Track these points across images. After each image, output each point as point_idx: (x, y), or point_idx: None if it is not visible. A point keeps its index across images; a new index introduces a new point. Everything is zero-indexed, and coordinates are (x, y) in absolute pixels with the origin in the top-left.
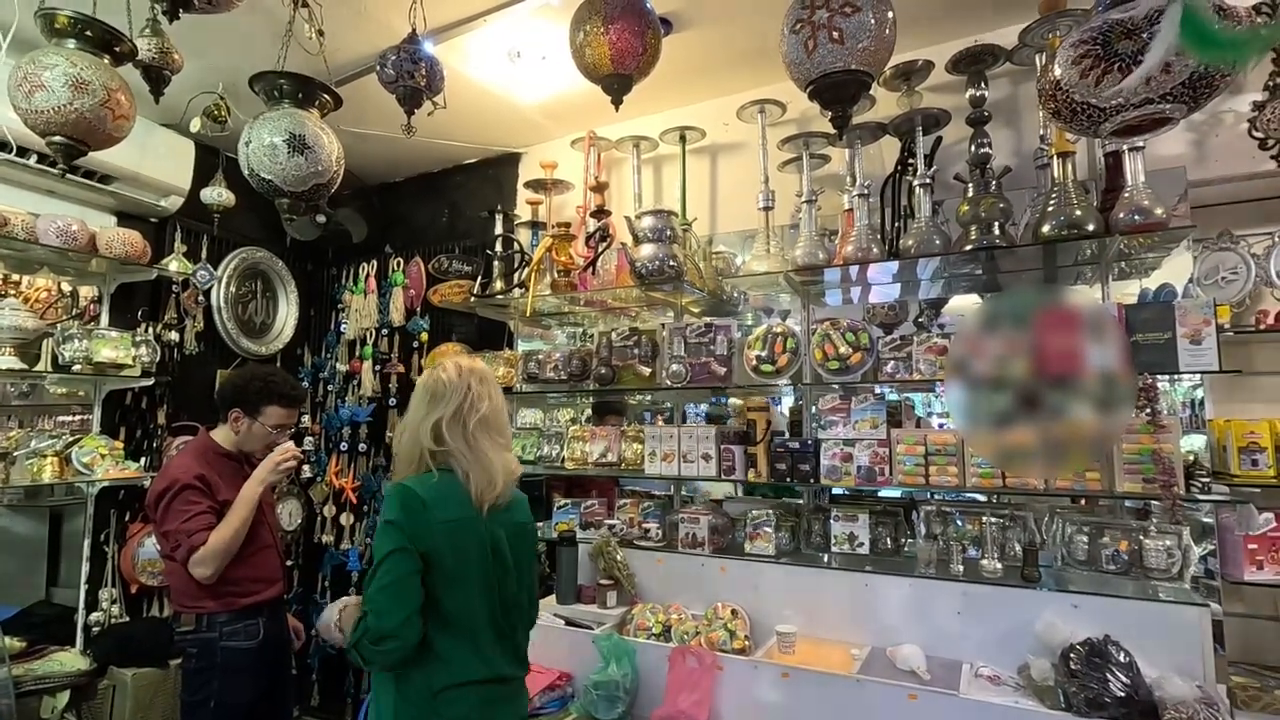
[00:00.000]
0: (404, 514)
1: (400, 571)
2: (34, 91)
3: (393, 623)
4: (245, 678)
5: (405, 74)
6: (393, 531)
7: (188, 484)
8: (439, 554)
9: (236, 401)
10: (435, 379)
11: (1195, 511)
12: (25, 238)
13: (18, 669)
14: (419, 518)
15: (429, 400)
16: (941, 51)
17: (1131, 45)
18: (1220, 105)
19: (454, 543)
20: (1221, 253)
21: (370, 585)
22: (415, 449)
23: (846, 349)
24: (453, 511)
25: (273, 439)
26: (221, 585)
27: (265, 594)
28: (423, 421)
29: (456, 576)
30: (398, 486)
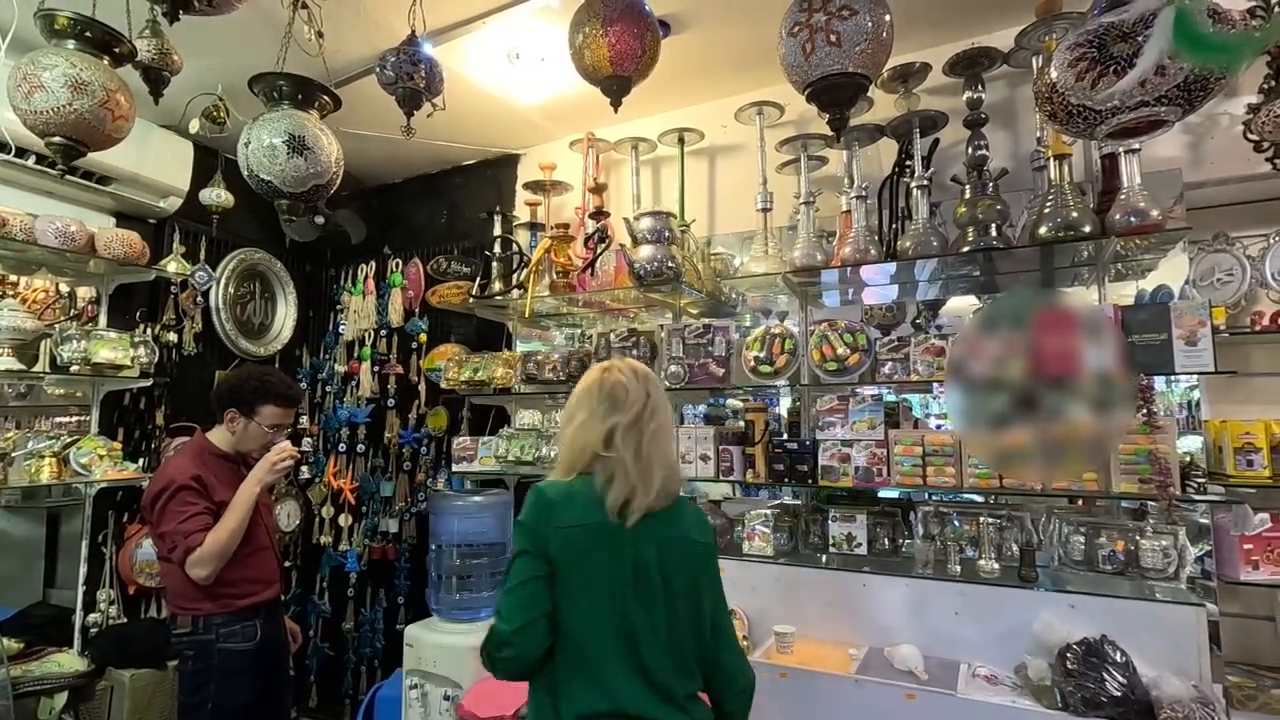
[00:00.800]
0: (532, 514)
1: (526, 575)
2: (33, 92)
3: (511, 629)
4: (242, 679)
5: (405, 75)
6: (522, 533)
7: (184, 485)
8: (560, 561)
9: (232, 402)
10: (615, 383)
11: (1191, 512)
12: (24, 238)
13: (15, 670)
14: (543, 519)
15: (608, 404)
16: (939, 54)
17: (1127, 48)
18: (1216, 108)
19: (575, 551)
20: (1217, 254)
21: (503, 589)
22: (583, 452)
23: (844, 350)
24: (576, 516)
25: (269, 439)
26: (218, 587)
27: (262, 595)
28: (595, 425)
29: (578, 590)
30: (532, 489)
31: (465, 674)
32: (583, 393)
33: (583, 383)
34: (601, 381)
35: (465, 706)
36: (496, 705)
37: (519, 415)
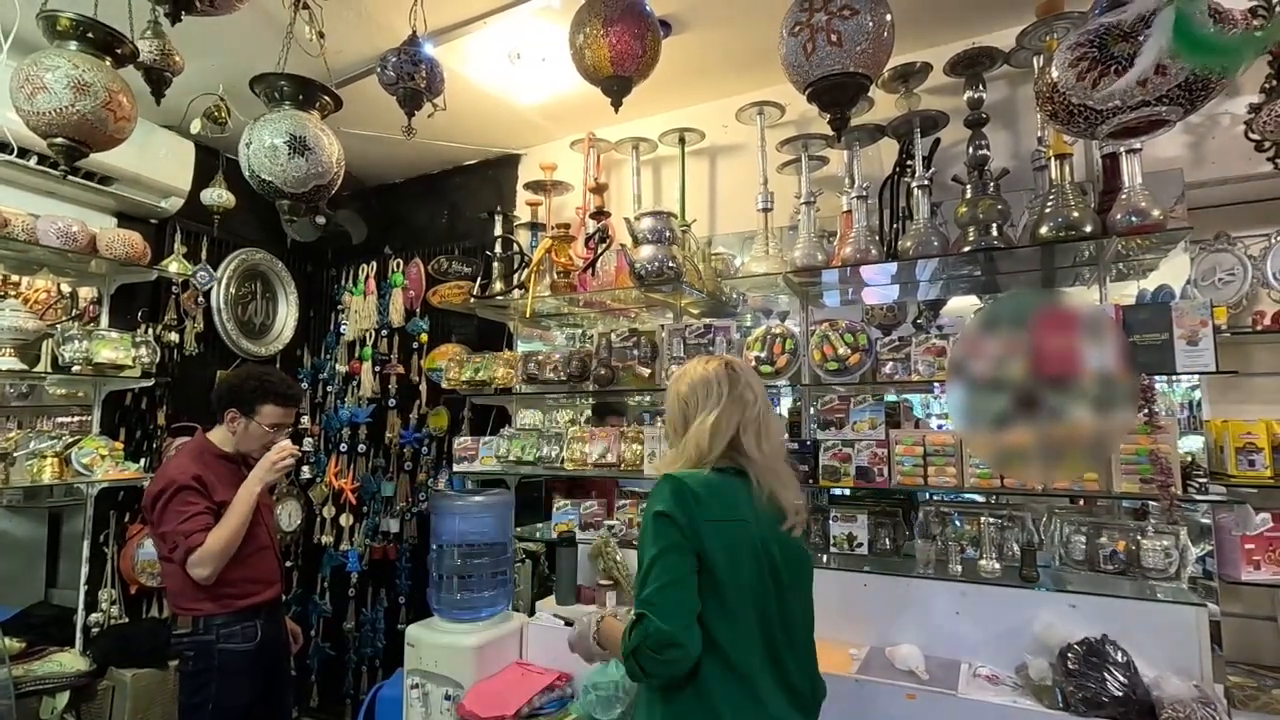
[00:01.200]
0: (677, 505)
1: (680, 570)
2: (36, 93)
3: (678, 627)
4: (243, 680)
5: (406, 76)
6: (666, 525)
7: (184, 485)
8: (710, 557)
9: (232, 401)
10: (737, 377)
11: (1193, 512)
12: (25, 239)
13: (17, 670)
14: (691, 511)
15: (733, 398)
16: (940, 54)
17: (1128, 48)
18: (1217, 107)
19: (726, 548)
20: (1218, 254)
21: (646, 585)
22: (715, 446)
23: (845, 350)
24: (724, 510)
25: (270, 439)
26: (218, 587)
27: (262, 596)
28: (726, 418)
29: (727, 590)
30: (667, 478)
31: (466, 674)
32: (701, 384)
33: (695, 375)
34: (724, 375)
35: (466, 706)
36: (498, 705)
37: (520, 415)
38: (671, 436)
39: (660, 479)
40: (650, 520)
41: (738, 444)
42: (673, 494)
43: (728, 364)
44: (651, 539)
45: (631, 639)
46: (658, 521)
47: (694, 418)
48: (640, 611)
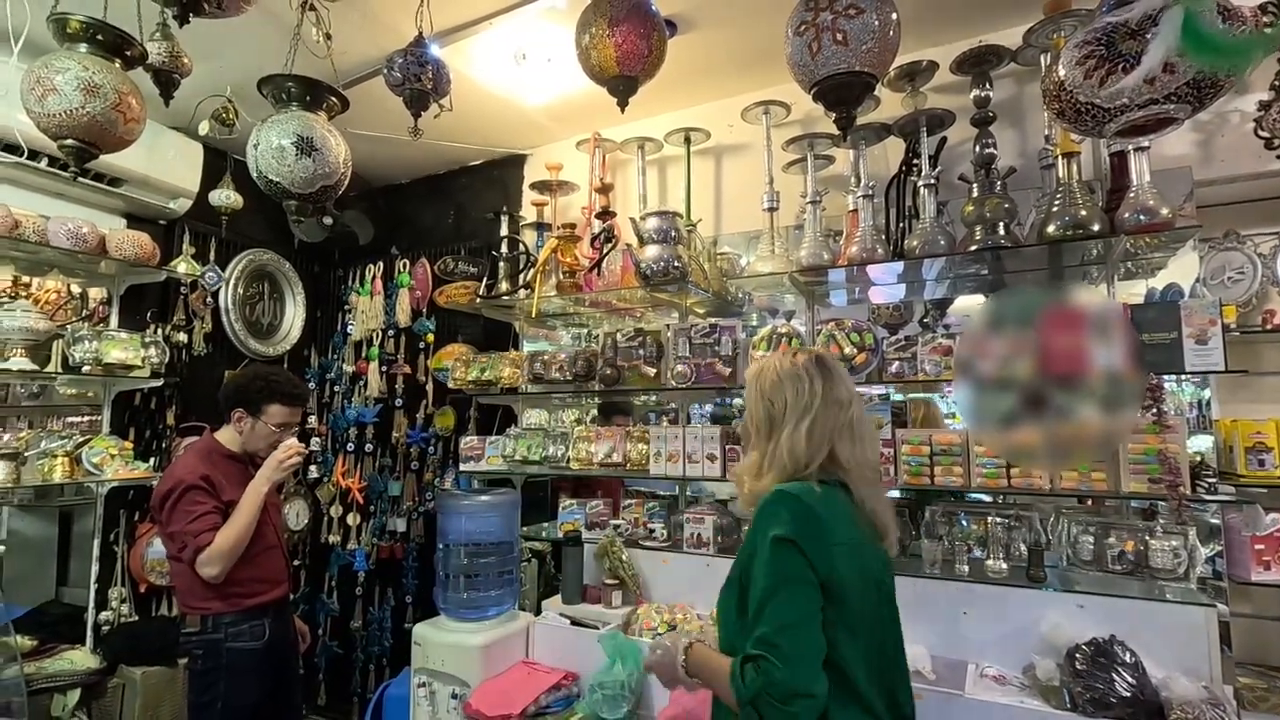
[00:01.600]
0: (801, 529)
1: (806, 607)
2: (46, 95)
3: (806, 675)
4: (251, 679)
5: (412, 77)
6: (791, 553)
7: (192, 484)
8: (841, 587)
9: (239, 401)
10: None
11: (1202, 512)
12: (36, 240)
13: (29, 667)
14: (817, 535)
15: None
16: (946, 52)
17: (1135, 46)
18: (1226, 105)
19: (854, 573)
20: (1228, 252)
21: (763, 621)
22: (804, 459)
23: (851, 349)
24: (847, 532)
25: (277, 438)
26: (226, 586)
27: (270, 595)
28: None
29: (858, 622)
30: (782, 495)
31: (473, 673)
32: (790, 381)
33: (782, 370)
34: (815, 372)
35: (473, 705)
36: (504, 704)
37: (526, 415)
38: (754, 439)
39: (771, 496)
40: (768, 546)
41: (834, 454)
42: (794, 516)
43: (818, 359)
44: (769, 568)
45: (748, 684)
46: (778, 548)
47: (783, 421)
48: (759, 653)
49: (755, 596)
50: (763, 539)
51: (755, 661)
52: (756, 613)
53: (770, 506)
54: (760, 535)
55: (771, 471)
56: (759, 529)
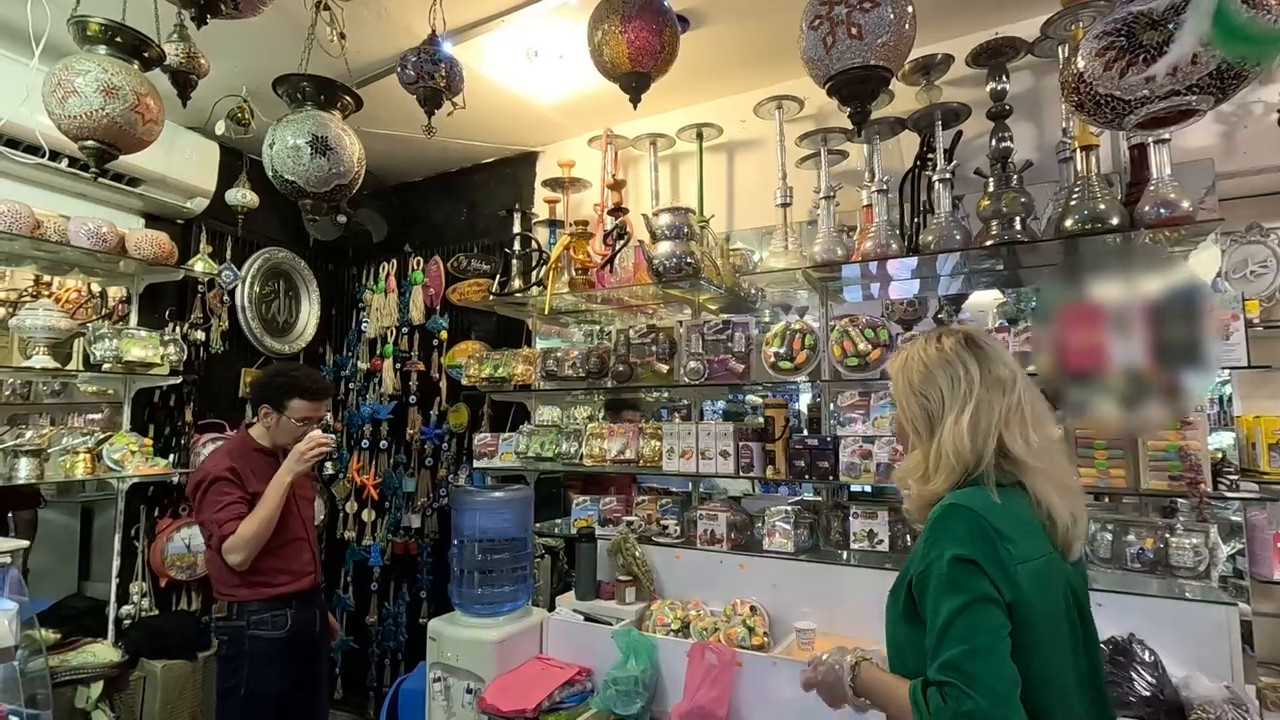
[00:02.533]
0: (981, 548)
1: (996, 632)
2: (67, 97)
3: (1001, 705)
4: (274, 667)
5: (425, 75)
6: (972, 572)
7: (219, 476)
8: (1027, 609)
9: (264, 398)
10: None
11: (1223, 509)
12: (57, 240)
13: (53, 660)
14: (1000, 554)
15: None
16: (961, 45)
17: (1157, 36)
18: (1249, 95)
19: (1043, 594)
20: (1250, 246)
21: (947, 646)
22: (973, 456)
23: (865, 345)
24: (1034, 548)
25: (301, 431)
26: (251, 574)
27: (292, 586)
28: (986, 416)
29: (1049, 648)
30: (957, 509)
31: (487, 667)
32: (941, 369)
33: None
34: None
35: (488, 700)
36: (519, 699)
37: (539, 412)
38: (914, 440)
39: (944, 510)
40: (946, 566)
41: (1003, 446)
42: (971, 533)
43: (967, 339)
44: (949, 588)
45: (934, 712)
46: (957, 568)
47: (941, 414)
48: (945, 679)
49: (937, 620)
50: (937, 558)
51: (941, 688)
52: (939, 637)
53: (943, 522)
54: (934, 552)
55: (940, 473)
56: (933, 545)
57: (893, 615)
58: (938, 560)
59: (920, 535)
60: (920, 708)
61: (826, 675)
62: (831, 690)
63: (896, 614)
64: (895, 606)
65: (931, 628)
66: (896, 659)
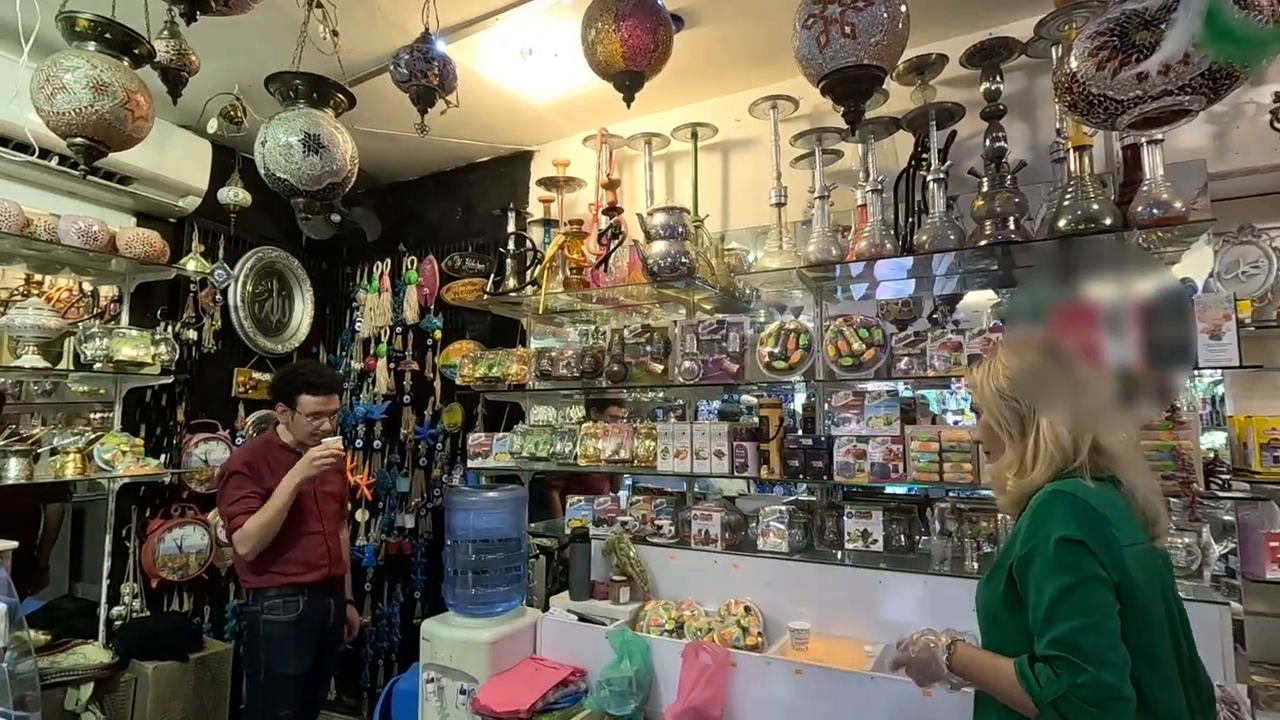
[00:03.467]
0: (1089, 530)
1: (1108, 609)
2: (56, 93)
3: (1116, 675)
4: (289, 647)
5: (418, 73)
6: (1081, 553)
7: (235, 470)
8: (1133, 590)
9: (278, 396)
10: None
11: (1215, 509)
12: (48, 238)
13: (43, 661)
14: (1107, 536)
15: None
16: (955, 45)
17: (1149, 36)
18: (1241, 96)
19: (1147, 578)
20: (1242, 246)
21: (1058, 621)
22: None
23: (860, 345)
24: (1133, 532)
25: (315, 427)
26: (265, 564)
27: (305, 576)
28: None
29: (1154, 630)
30: (1060, 494)
31: (481, 668)
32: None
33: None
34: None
35: (481, 701)
36: (513, 699)
37: (533, 411)
38: (1007, 444)
39: (1046, 496)
40: (1053, 547)
41: (1097, 441)
42: (1077, 516)
43: (1051, 345)
44: (1058, 568)
45: (1046, 686)
46: (1065, 549)
47: (1034, 414)
48: (1057, 654)
49: (1043, 599)
50: (1043, 540)
51: (1052, 663)
52: (1048, 615)
53: (1048, 506)
54: (1039, 536)
55: (1039, 465)
56: (1036, 529)
57: (989, 599)
58: (1044, 542)
59: (1019, 522)
60: (1029, 680)
61: (920, 653)
62: (925, 668)
63: (996, 598)
64: (993, 592)
65: (1037, 606)
66: (996, 643)
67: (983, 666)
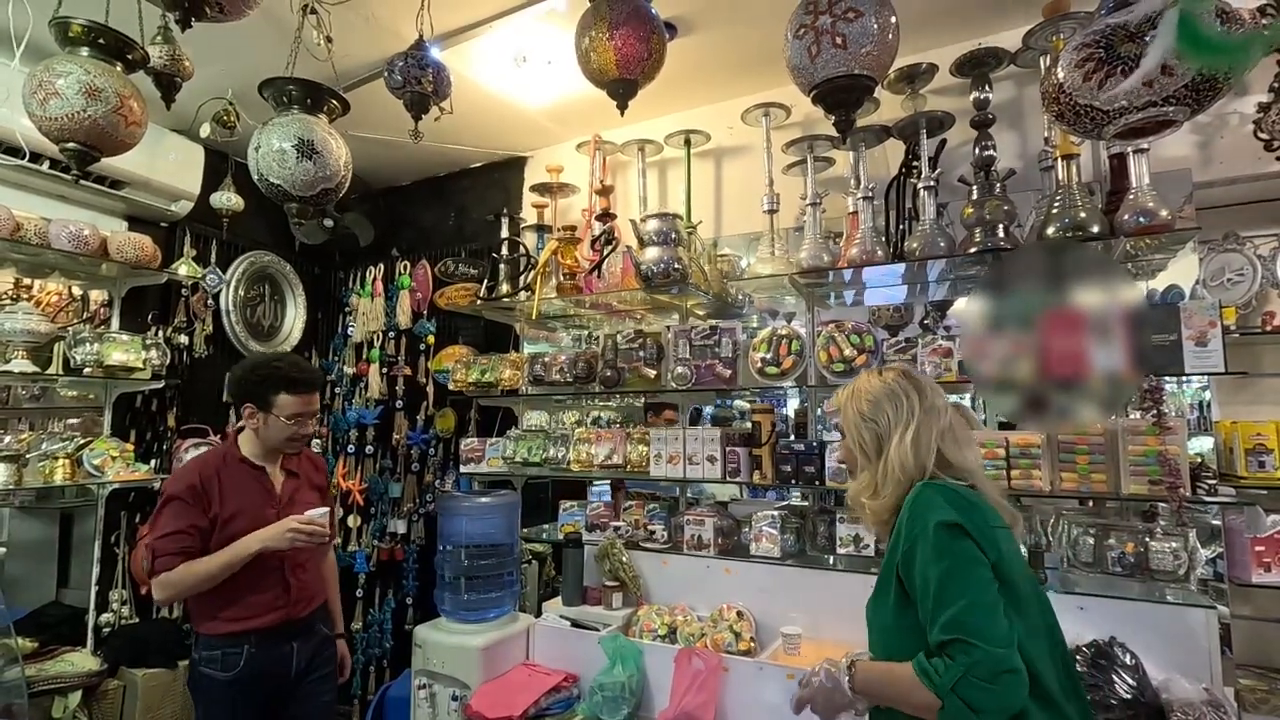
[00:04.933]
0: (963, 513)
1: (990, 587)
2: (48, 98)
3: (1007, 649)
4: (224, 711)
5: (412, 79)
6: (956, 536)
7: (173, 495)
8: (1008, 568)
9: (246, 394)
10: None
11: (1202, 513)
12: (38, 242)
13: (30, 669)
14: (978, 518)
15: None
16: (945, 55)
17: (1134, 48)
18: (1225, 106)
19: (1015, 555)
20: (1227, 254)
21: (946, 605)
22: (915, 466)
23: (851, 351)
24: (998, 519)
25: (294, 431)
26: (199, 603)
27: (250, 623)
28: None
29: (1028, 604)
30: (931, 486)
31: (473, 674)
32: (887, 398)
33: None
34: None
35: (473, 707)
36: (505, 706)
37: (526, 417)
38: (860, 462)
39: (920, 491)
40: (932, 531)
41: (944, 458)
42: (950, 502)
43: (905, 374)
44: (937, 553)
45: (944, 673)
46: (944, 532)
47: (888, 435)
48: (950, 638)
49: (929, 586)
50: (922, 529)
51: (946, 649)
52: (936, 601)
53: (922, 498)
54: (918, 527)
55: (888, 486)
56: (914, 521)
57: (880, 610)
58: (923, 531)
59: (896, 526)
60: (929, 675)
61: (823, 683)
62: (830, 698)
63: (888, 607)
64: (885, 602)
65: (924, 595)
66: (895, 650)
67: (883, 677)
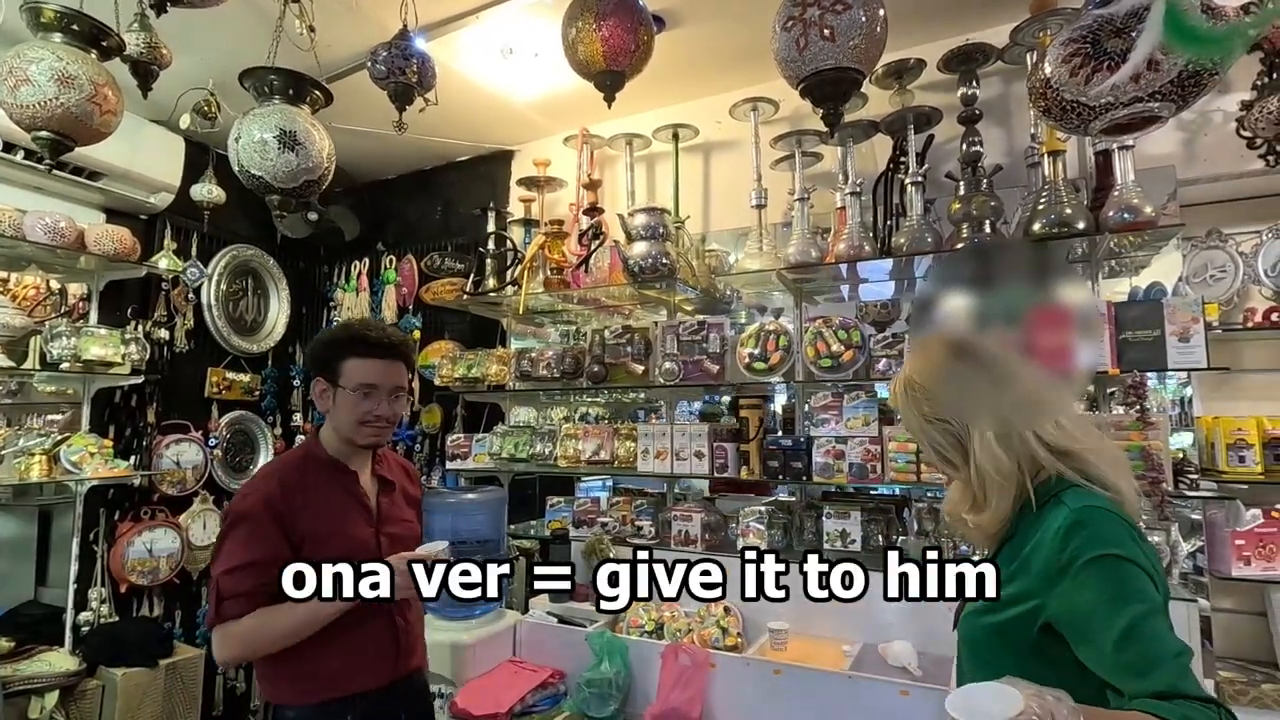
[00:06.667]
0: (1141, 549)
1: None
2: (19, 86)
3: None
4: None
5: (397, 70)
6: (1138, 575)
7: (244, 514)
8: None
9: (316, 367)
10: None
11: (1184, 508)
12: (12, 234)
13: (5, 669)
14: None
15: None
16: (933, 50)
17: (1121, 44)
18: (1209, 104)
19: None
20: (1210, 251)
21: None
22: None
23: (839, 347)
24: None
25: (366, 411)
26: (286, 663)
27: (355, 685)
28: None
29: None
30: (1093, 510)
31: (459, 671)
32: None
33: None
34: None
35: (459, 704)
36: (491, 702)
37: (513, 412)
38: (946, 470)
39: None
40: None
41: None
42: (1120, 534)
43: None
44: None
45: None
46: (1121, 568)
47: (967, 433)
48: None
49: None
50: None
51: (1184, 701)
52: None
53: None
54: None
55: (991, 495)
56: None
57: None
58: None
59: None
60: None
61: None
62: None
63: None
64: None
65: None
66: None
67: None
